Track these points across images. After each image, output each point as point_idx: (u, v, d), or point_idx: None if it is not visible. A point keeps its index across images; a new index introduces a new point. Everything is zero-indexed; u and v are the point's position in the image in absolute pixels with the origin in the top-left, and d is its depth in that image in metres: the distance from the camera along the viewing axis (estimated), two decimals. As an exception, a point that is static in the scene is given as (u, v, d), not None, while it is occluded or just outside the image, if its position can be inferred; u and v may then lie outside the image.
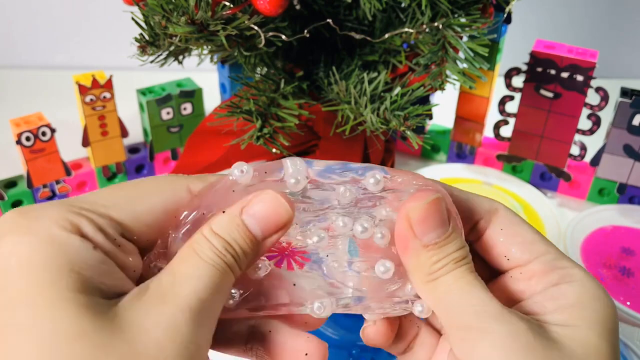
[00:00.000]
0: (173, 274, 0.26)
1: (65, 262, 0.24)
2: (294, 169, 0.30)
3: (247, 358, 0.32)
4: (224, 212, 0.28)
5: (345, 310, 0.30)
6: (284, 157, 0.31)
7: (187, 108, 0.69)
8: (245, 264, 0.28)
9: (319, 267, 0.30)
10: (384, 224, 0.30)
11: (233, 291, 0.29)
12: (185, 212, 0.29)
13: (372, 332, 0.32)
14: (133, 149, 0.71)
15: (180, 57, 0.55)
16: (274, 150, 0.50)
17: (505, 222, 0.31)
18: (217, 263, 0.26)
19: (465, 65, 0.52)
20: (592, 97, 0.65)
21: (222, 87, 0.77)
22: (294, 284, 0.30)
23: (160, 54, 0.51)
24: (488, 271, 0.32)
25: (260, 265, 0.30)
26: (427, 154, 0.77)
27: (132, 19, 0.49)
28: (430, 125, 0.77)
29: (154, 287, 0.26)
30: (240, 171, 0.29)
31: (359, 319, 0.31)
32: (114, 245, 0.27)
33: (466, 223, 0.31)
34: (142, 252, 0.29)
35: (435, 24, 0.52)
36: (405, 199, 0.30)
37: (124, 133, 0.68)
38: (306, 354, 0.31)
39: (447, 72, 0.52)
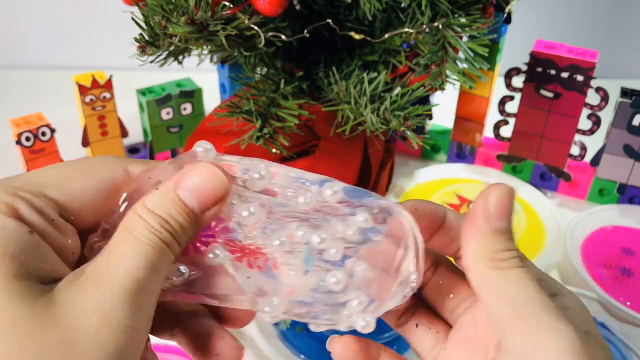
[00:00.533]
0: (108, 255, 0.25)
1: (0, 246, 0.24)
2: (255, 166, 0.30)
3: (171, 341, 0.31)
4: (157, 189, 0.27)
5: (293, 317, 0.30)
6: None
7: (187, 108, 0.69)
8: (185, 239, 0.27)
9: (274, 271, 0.30)
10: (338, 240, 0.30)
11: (182, 268, 0.28)
12: (126, 193, 0.28)
13: (340, 347, 0.32)
14: (133, 149, 0.71)
15: (180, 57, 0.55)
16: (274, 150, 0.50)
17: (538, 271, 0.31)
18: (153, 241, 0.25)
19: (465, 65, 0.52)
20: (592, 97, 0.65)
21: (222, 87, 0.77)
22: (248, 277, 0.29)
23: (160, 54, 0.51)
24: None
25: (218, 252, 0.29)
26: (427, 154, 0.77)
27: (132, 19, 0.49)
28: (430, 125, 0.77)
29: (89, 270, 0.25)
30: (204, 149, 0.29)
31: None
32: (52, 227, 0.26)
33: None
34: (82, 235, 0.28)
35: (435, 24, 0.52)
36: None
37: (124, 133, 0.68)
38: (216, 355, 0.30)
39: (447, 72, 0.52)
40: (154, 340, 0.52)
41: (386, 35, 0.54)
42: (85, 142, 0.66)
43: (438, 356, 0.32)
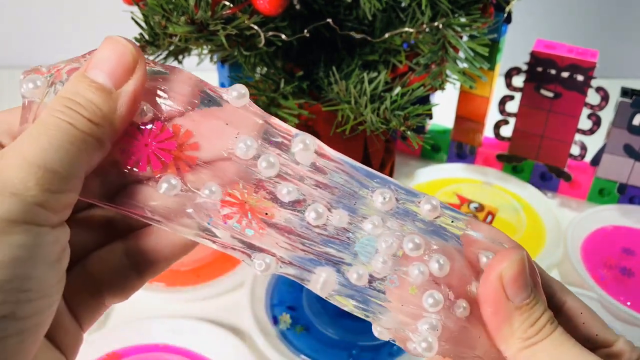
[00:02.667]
0: (14, 143, 0.24)
1: None
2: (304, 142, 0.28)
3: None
4: None
5: (286, 274, 0.28)
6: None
7: (186, 108, 0.69)
8: (100, 116, 0.25)
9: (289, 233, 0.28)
10: (439, 251, 0.28)
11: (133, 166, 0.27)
12: None
13: None
14: (133, 149, 0.71)
15: (180, 57, 0.55)
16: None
17: (580, 303, 0.30)
18: (62, 119, 0.24)
19: (465, 64, 0.52)
20: (593, 97, 0.65)
21: (222, 86, 0.77)
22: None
23: (160, 54, 0.51)
24: None
25: (174, 182, 0.27)
26: (427, 154, 0.77)
27: (132, 18, 0.49)
28: (430, 125, 0.77)
29: None
30: (238, 94, 0.28)
31: (358, 320, 0.31)
32: None
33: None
34: None
35: (436, 23, 0.52)
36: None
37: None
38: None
39: (447, 71, 0.52)
40: (154, 340, 0.52)
41: (386, 35, 0.54)
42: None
43: None
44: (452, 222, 0.29)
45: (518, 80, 0.68)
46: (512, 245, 0.28)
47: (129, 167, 0.27)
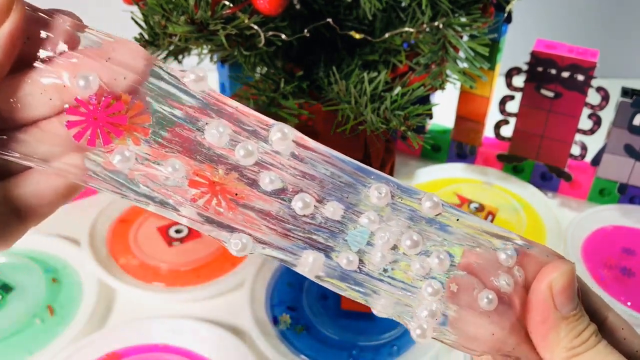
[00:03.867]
0: None
1: None
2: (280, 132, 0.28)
3: None
4: None
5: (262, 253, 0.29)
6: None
7: (186, 108, 0.69)
8: None
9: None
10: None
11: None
12: None
13: None
14: (133, 149, 0.71)
15: (180, 57, 0.55)
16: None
17: (622, 319, 0.31)
18: None
19: (465, 64, 0.52)
20: (593, 97, 0.65)
21: (222, 86, 0.77)
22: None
23: (160, 54, 0.51)
24: None
25: (128, 154, 0.27)
26: (427, 154, 0.77)
27: (132, 18, 0.49)
28: (430, 124, 0.77)
29: None
30: (196, 77, 0.27)
31: (358, 320, 0.31)
32: None
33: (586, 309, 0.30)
34: None
35: (436, 23, 0.52)
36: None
37: (124, 133, 0.68)
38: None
39: (448, 71, 0.52)
40: (154, 340, 0.52)
41: (386, 35, 0.54)
42: (85, 142, 0.66)
43: None
44: (458, 220, 0.29)
45: (518, 80, 0.68)
46: (550, 253, 0.29)
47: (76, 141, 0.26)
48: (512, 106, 0.69)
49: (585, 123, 0.66)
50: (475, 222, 0.29)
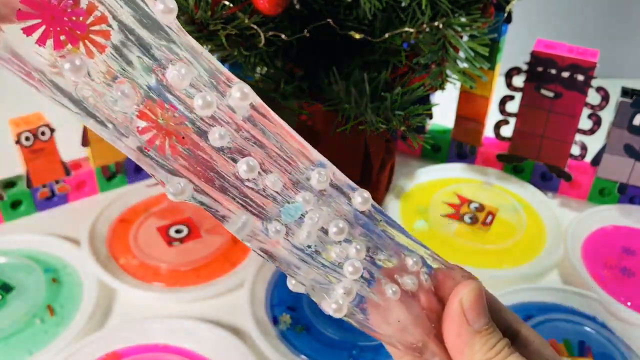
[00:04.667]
0: None
1: None
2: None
3: None
4: None
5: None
6: None
7: (186, 108, 0.69)
8: None
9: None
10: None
11: None
12: None
13: None
14: (133, 149, 0.71)
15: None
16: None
17: (533, 332, 0.33)
18: None
19: (465, 64, 0.52)
20: (593, 97, 0.65)
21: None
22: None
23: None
24: None
25: (79, 63, 0.25)
26: (427, 154, 0.77)
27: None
28: (430, 124, 0.77)
29: None
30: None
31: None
32: None
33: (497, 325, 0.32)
34: None
35: (436, 23, 0.52)
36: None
37: (124, 133, 0.68)
38: None
39: (448, 71, 0.52)
40: (154, 340, 0.52)
41: (386, 35, 0.54)
42: (85, 142, 0.66)
43: None
44: (380, 221, 0.31)
45: (518, 80, 0.68)
46: (464, 275, 0.32)
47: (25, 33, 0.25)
48: (512, 106, 0.69)
49: (585, 123, 0.66)
50: (392, 228, 0.31)
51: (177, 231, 0.63)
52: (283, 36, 0.50)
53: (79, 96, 0.26)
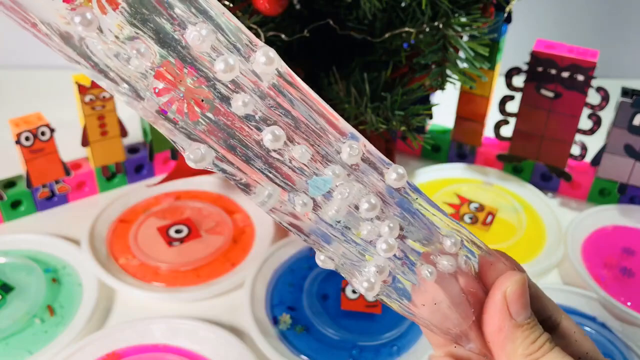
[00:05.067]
0: None
1: None
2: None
3: None
4: None
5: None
6: None
7: (186, 108, 0.69)
8: None
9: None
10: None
11: None
12: None
13: None
14: (132, 149, 0.71)
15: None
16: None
17: (573, 323, 0.33)
18: None
19: (465, 64, 0.52)
20: (593, 97, 0.65)
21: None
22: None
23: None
24: None
25: (90, 17, 0.24)
26: (427, 154, 0.77)
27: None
28: (430, 125, 0.77)
29: None
30: None
31: (359, 320, 0.31)
32: None
33: (539, 314, 0.32)
34: None
35: (436, 23, 0.52)
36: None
37: (124, 133, 0.68)
38: None
39: (448, 71, 0.52)
40: (154, 340, 0.52)
41: (387, 35, 0.54)
42: (84, 142, 0.66)
43: None
44: (416, 199, 0.29)
45: (518, 80, 0.68)
46: (507, 264, 0.31)
47: None
48: (512, 106, 0.69)
49: (585, 123, 0.66)
50: (430, 207, 0.30)
51: (177, 231, 0.63)
52: (283, 36, 0.50)
53: (89, 51, 0.25)
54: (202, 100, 0.26)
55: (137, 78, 0.25)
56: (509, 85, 0.68)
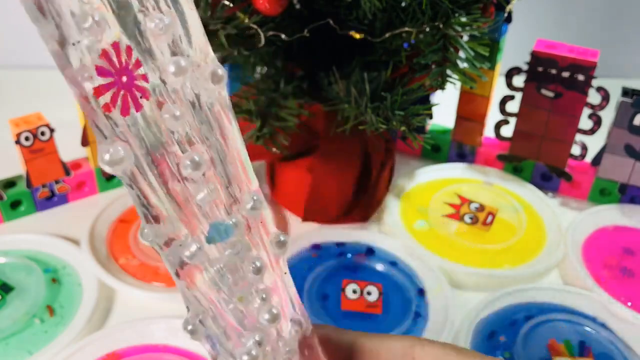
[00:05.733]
0: None
1: None
2: None
3: None
4: None
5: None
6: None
7: (186, 108, 0.69)
8: None
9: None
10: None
11: None
12: None
13: None
14: (133, 149, 0.71)
15: (180, 57, 0.55)
16: (273, 149, 0.49)
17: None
18: None
19: (466, 64, 0.52)
20: (593, 97, 0.65)
21: (222, 86, 0.77)
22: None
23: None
24: None
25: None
26: (427, 154, 0.77)
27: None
28: (430, 125, 0.77)
29: None
30: None
31: (359, 320, 0.31)
32: None
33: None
34: None
35: (436, 23, 0.52)
36: None
37: (124, 133, 0.68)
38: None
39: (448, 71, 0.52)
40: (153, 339, 0.52)
41: (387, 35, 0.54)
42: (84, 142, 0.66)
43: None
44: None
45: (518, 80, 0.68)
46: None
47: None
48: (512, 106, 0.69)
49: (585, 123, 0.66)
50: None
51: (177, 231, 0.62)
52: (283, 36, 0.50)
53: None
54: (140, 97, 0.22)
55: (83, 48, 0.21)
56: (509, 85, 0.68)
